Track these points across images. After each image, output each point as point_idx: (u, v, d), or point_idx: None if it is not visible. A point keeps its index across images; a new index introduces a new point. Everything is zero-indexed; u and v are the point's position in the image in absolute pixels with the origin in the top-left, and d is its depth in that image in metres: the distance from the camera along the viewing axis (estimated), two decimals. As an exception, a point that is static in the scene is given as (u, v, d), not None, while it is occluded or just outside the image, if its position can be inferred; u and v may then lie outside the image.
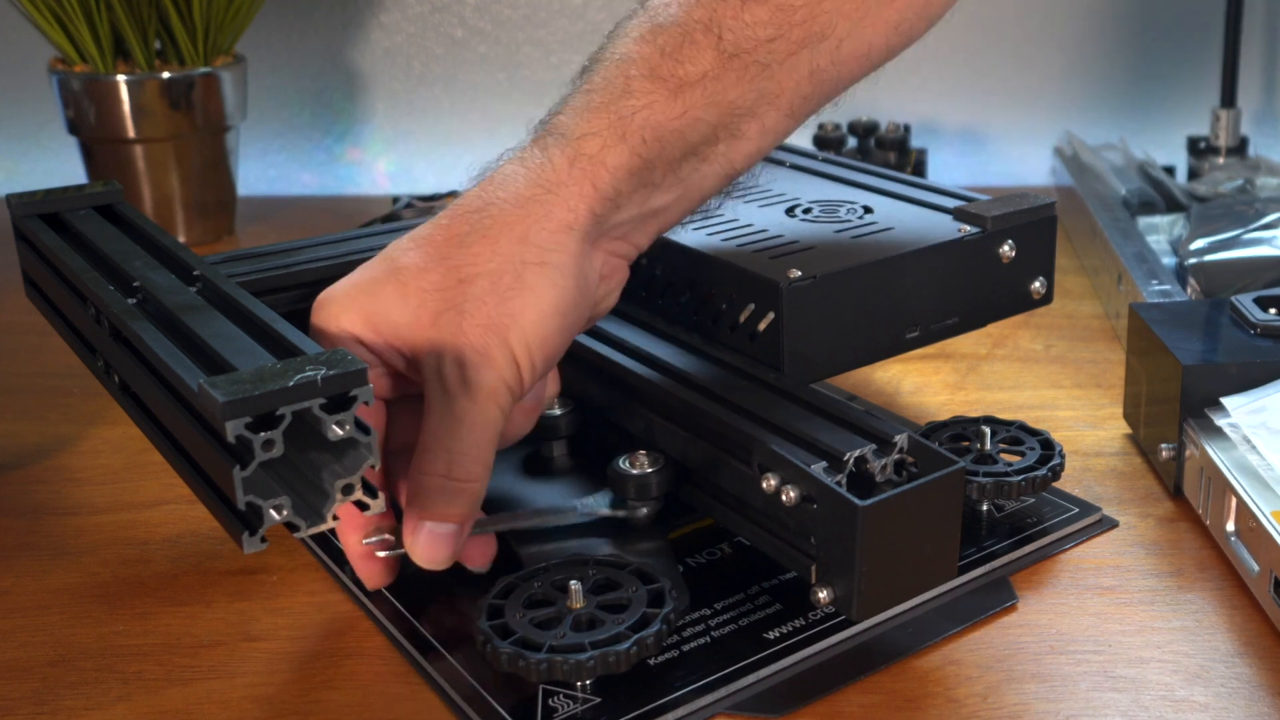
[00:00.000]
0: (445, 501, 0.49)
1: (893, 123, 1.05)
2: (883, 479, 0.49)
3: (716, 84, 0.49)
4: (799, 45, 0.50)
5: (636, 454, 0.56)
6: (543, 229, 0.49)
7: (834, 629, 0.51)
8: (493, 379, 0.48)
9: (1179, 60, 1.17)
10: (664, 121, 0.49)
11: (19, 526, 0.62)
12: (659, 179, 0.50)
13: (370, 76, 1.21)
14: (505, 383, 0.48)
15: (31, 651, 0.52)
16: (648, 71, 0.49)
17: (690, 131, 0.50)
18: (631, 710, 0.47)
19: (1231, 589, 0.54)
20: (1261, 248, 0.82)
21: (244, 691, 0.49)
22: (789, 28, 0.50)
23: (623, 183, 0.50)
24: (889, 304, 0.58)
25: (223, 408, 0.40)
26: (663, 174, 0.50)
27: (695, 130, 0.50)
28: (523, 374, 0.49)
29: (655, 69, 0.49)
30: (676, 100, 0.49)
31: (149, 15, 0.99)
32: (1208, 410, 0.60)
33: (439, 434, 0.49)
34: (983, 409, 0.69)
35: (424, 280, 0.49)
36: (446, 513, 0.49)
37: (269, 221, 1.11)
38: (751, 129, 0.51)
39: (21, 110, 1.23)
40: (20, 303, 0.70)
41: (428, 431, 0.49)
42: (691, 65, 0.49)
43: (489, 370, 0.48)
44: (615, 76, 0.50)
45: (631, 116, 0.49)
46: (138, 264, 0.55)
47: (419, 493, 0.49)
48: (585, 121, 0.50)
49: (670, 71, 0.49)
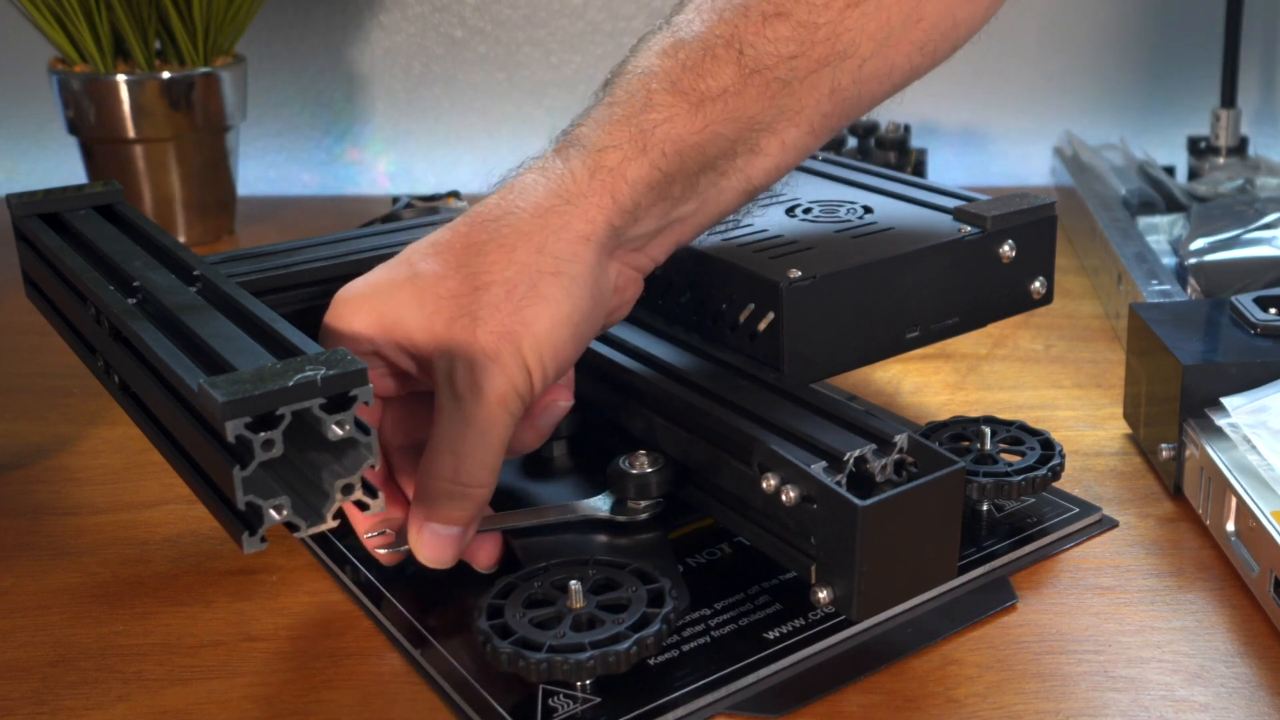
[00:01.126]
0: (450, 505, 0.49)
1: (893, 123, 1.05)
2: (883, 479, 0.49)
3: (737, 99, 0.50)
4: (821, 63, 0.50)
5: (636, 454, 0.56)
6: (560, 239, 0.49)
7: (834, 629, 0.51)
8: (503, 385, 0.48)
9: (1179, 60, 1.17)
10: (684, 135, 0.50)
11: (19, 526, 0.62)
12: (678, 192, 0.51)
13: (370, 76, 1.21)
14: (515, 389, 0.49)
15: (31, 651, 0.52)
16: (669, 85, 0.50)
17: (709, 145, 0.50)
18: (631, 710, 0.47)
19: (1231, 589, 0.54)
20: (1261, 248, 0.82)
21: (244, 691, 0.49)
22: (811, 45, 0.50)
23: (642, 196, 0.50)
24: (889, 304, 0.58)
25: (223, 408, 0.40)
26: (681, 188, 0.51)
27: (714, 144, 0.50)
28: (533, 381, 0.49)
29: (676, 83, 0.50)
30: (697, 114, 0.50)
31: (149, 15, 0.99)
32: (1208, 410, 0.60)
33: (447, 438, 0.49)
34: (983, 409, 0.69)
35: (440, 286, 0.49)
36: (451, 515, 0.50)
37: (269, 221, 1.11)
38: (771, 145, 0.52)
39: (21, 110, 1.23)
40: (20, 303, 0.70)
41: (436, 435, 0.49)
42: (713, 80, 0.50)
43: (500, 376, 0.48)
44: (637, 89, 0.50)
45: (652, 130, 0.49)
46: (138, 264, 0.55)
47: (425, 495, 0.50)
48: (606, 134, 0.50)
49: (691, 85, 0.50)
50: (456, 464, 0.49)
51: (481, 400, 0.48)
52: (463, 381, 0.48)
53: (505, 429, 0.49)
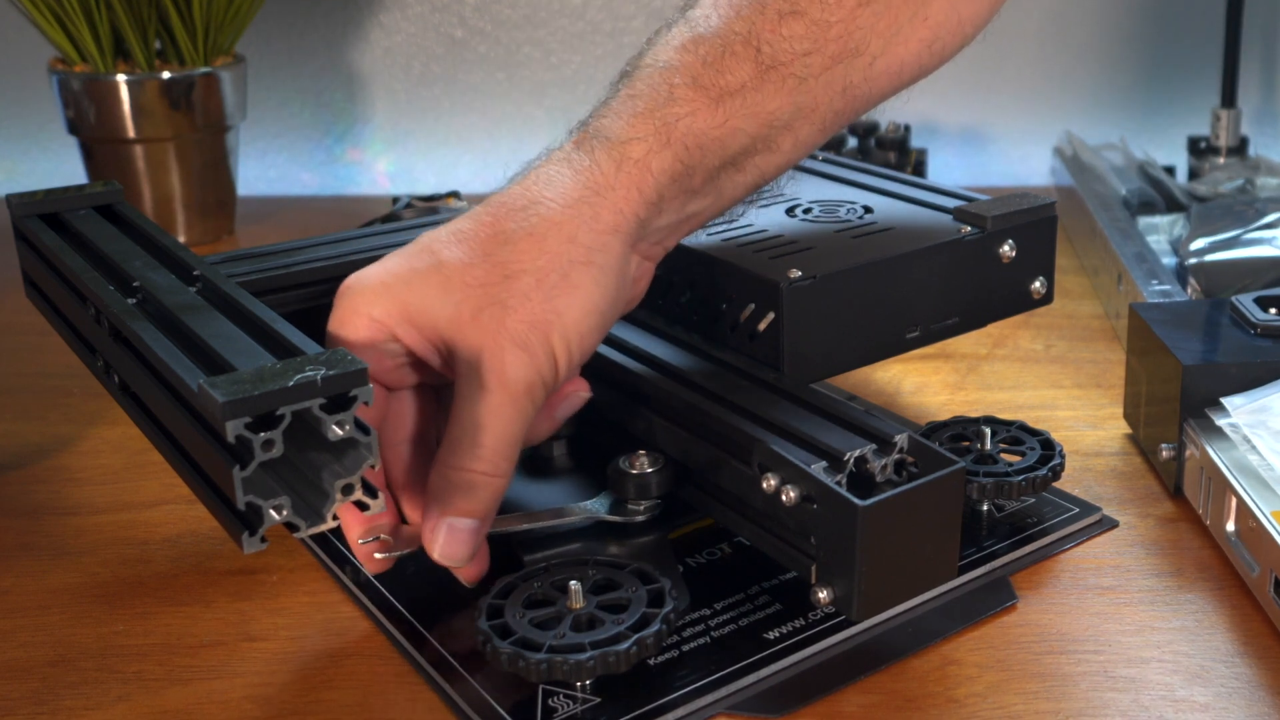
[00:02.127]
0: (468, 496, 0.49)
1: (893, 123, 1.05)
2: (883, 479, 0.49)
3: (755, 95, 0.51)
4: (834, 60, 0.51)
5: (636, 454, 0.56)
6: (590, 230, 0.49)
7: (834, 629, 0.51)
8: (531, 374, 0.48)
9: (1179, 60, 1.17)
10: (706, 130, 0.50)
11: (19, 526, 0.62)
12: (698, 185, 0.52)
13: (370, 76, 1.21)
14: (542, 377, 0.49)
15: (31, 651, 0.52)
16: (690, 80, 0.51)
17: (730, 141, 0.51)
18: (631, 710, 0.47)
19: (1231, 589, 0.54)
20: (1261, 248, 0.82)
21: (244, 691, 0.49)
22: (825, 43, 0.51)
23: (665, 188, 0.51)
24: (889, 304, 0.58)
25: (223, 408, 0.40)
26: (701, 181, 0.51)
27: (735, 140, 0.51)
28: (559, 370, 0.49)
29: (698, 78, 0.50)
30: (718, 109, 0.50)
31: (149, 15, 0.99)
32: (1208, 410, 0.60)
33: (468, 427, 0.49)
34: (983, 409, 0.69)
35: (468, 274, 0.49)
36: (469, 507, 0.49)
37: (269, 221, 1.11)
38: (786, 142, 0.52)
39: (21, 110, 1.23)
40: (20, 303, 0.70)
41: (457, 424, 0.49)
42: (731, 76, 0.50)
43: (528, 365, 0.48)
44: (659, 83, 0.51)
45: (675, 124, 0.50)
46: (138, 264, 0.56)
47: (443, 488, 0.49)
48: (630, 126, 0.50)
49: (712, 81, 0.50)
50: (476, 453, 0.49)
51: (508, 389, 0.48)
52: (490, 370, 0.48)
53: (528, 418, 0.49)
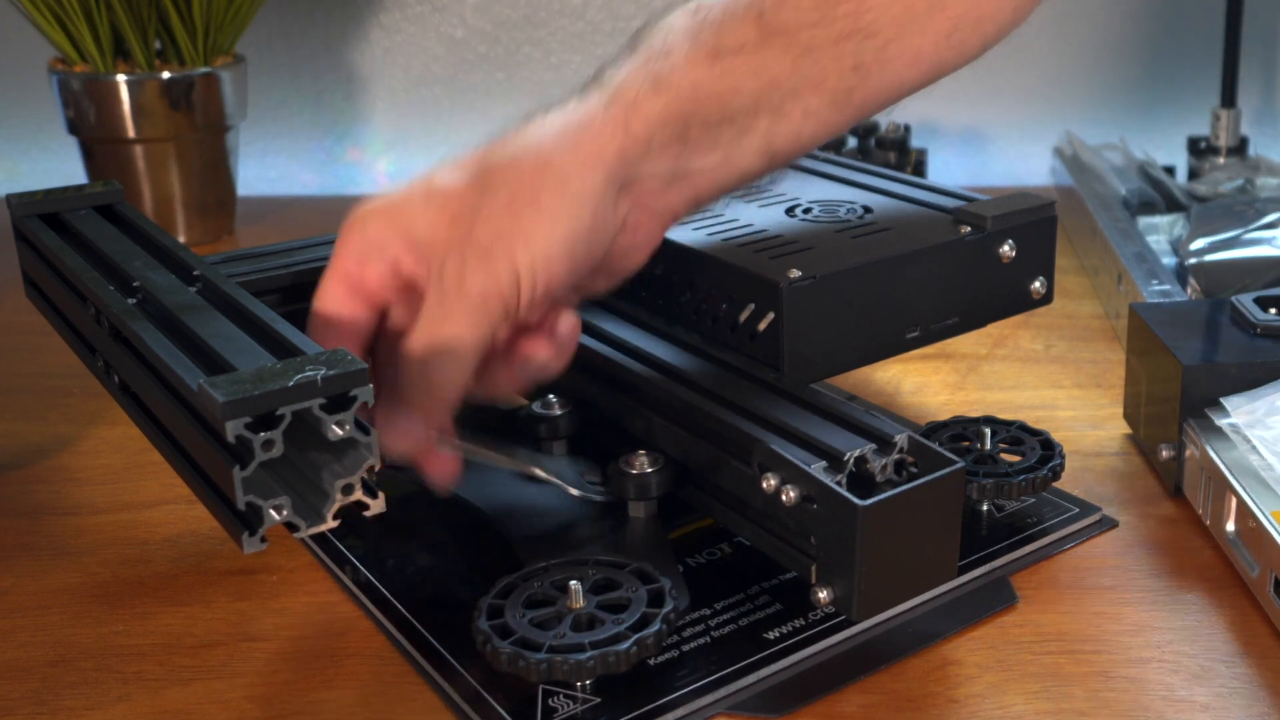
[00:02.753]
0: (416, 394, 0.50)
1: (893, 123, 1.05)
2: (883, 479, 0.49)
3: (756, 56, 0.51)
4: (843, 36, 0.52)
5: (636, 454, 0.56)
6: (569, 158, 0.50)
7: (834, 629, 0.51)
8: (489, 282, 0.49)
9: (1179, 60, 1.17)
10: (700, 80, 0.51)
11: (19, 526, 0.62)
12: (695, 136, 0.52)
13: (370, 76, 1.21)
14: (500, 290, 0.50)
15: (31, 651, 0.52)
16: (688, 36, 0.52)
17: (730, 98, 0.51)
18: (631, 710, 0.47)
19: (1232, 589, 0.54)
20: (1261, 248, 0.82)
21: (244, 691, 0.49)
22: (832, 19, 0.51)
23: (655, 130, 0.51)
24: (889, 304, 0.58)
25: (223, 408, 0.40)
26: (699, 132, 0.52)
27: (735, 98, 0.51)
28: (521, 291, 0.50)
29: (696, 35, 0.52)
30: (715, 64, 0.51)
31: (149, 15, 0.99)
32: (1208, 410, 0.60)
33: (425, 326, 0.50)
34: (983, 409, 0.69)
35: (450, 192, 0.52)
36: (416, 402, 0.51)
37: (269, 221, 1.11)
38: (795, 110, 0.52)
39: (21, 110, 1.23)
40: (20, 303, 0.70)
41: (417, 323, 0.50)
42: (730, 36, 0.51)
43: (487, 274, 0.49)
44: (656, 40, 0.52)
45: (669, 72, 0.51)
46: (138, 264, 0.56)
47: (401, 381, 0.51)
48: (624, 74, 0.52)
49: (710, 39, 0.51)
50: (428, 355, 0.50)
51: (464, 293, 0.49)
52: (451, 273, 0.50)
53: (482, 331, 0.50)
